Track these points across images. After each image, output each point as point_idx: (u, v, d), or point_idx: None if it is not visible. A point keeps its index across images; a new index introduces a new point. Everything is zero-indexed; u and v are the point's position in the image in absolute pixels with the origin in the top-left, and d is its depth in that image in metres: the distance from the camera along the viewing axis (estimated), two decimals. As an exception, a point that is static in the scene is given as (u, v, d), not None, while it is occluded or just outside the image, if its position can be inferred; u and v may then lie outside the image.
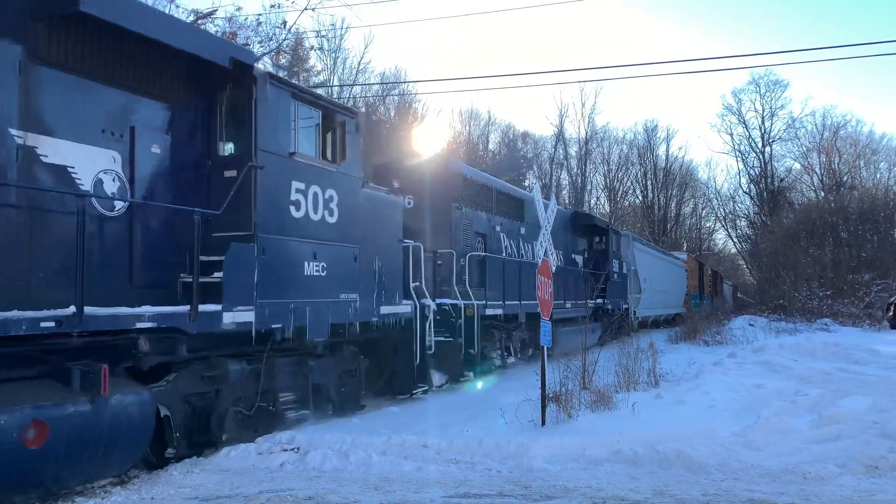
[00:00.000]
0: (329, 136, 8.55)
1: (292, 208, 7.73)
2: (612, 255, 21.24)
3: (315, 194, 8.08)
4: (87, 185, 6.15)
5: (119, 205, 6.42)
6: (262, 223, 7.22)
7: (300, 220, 7.81)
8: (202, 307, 6.40)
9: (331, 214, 8.28)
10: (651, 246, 32.67)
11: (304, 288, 7.78)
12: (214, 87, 7.45)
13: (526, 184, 47.90)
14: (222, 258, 6.67)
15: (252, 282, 7.02)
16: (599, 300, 19.43)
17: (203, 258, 6.46)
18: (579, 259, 19.73)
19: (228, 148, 7.55)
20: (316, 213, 8.09)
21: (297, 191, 7.82)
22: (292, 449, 7.05)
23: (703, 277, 43.67)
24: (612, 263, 21.32)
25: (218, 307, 6.63)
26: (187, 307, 6.30)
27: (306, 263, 7.84)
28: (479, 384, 12.03)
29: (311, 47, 28.35)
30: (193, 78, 7.30)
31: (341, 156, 8.57)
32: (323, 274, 8.09)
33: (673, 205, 63.67)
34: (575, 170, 58.46)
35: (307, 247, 7.88)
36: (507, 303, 13.44)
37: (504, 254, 14.25)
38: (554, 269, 9.82)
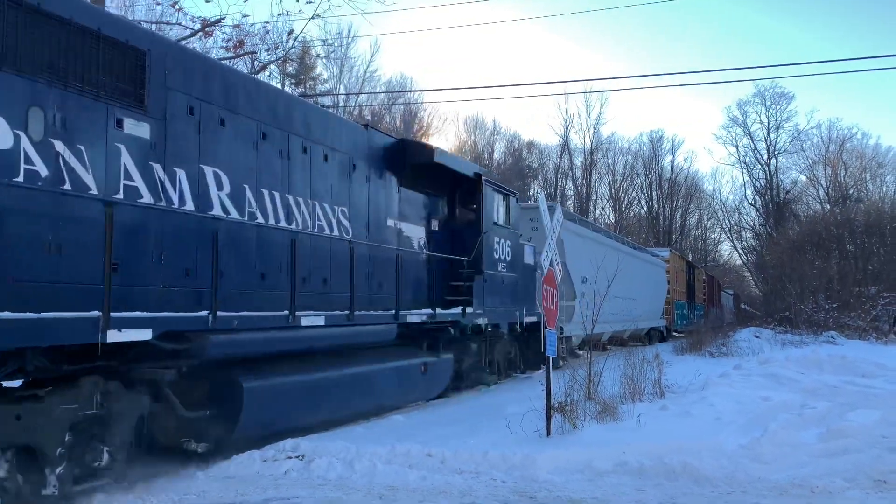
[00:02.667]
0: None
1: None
2: (493, 230, 12.50)
3: None
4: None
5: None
6: None
7: None
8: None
9: None
10: (601, 231, 23.38)
11: None
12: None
13: (531, 193, 47.86)
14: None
15: None
16: (456, 309, 11.15)
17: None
18: (416, 232, 11.27)
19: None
20: None
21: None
22: (297, 456, 7.03)
23: (693, 282, 36.34)
24: (495, 244, 12.62)
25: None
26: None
27: None
28: None
29: (318, 55, 28.46)
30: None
31: None
32: None
33: (678, 216, 63.67)
34: (580, 180, 58.53)
35: None
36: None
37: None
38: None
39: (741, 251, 62.76)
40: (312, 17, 16.35)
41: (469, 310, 11.36)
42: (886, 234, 34.09)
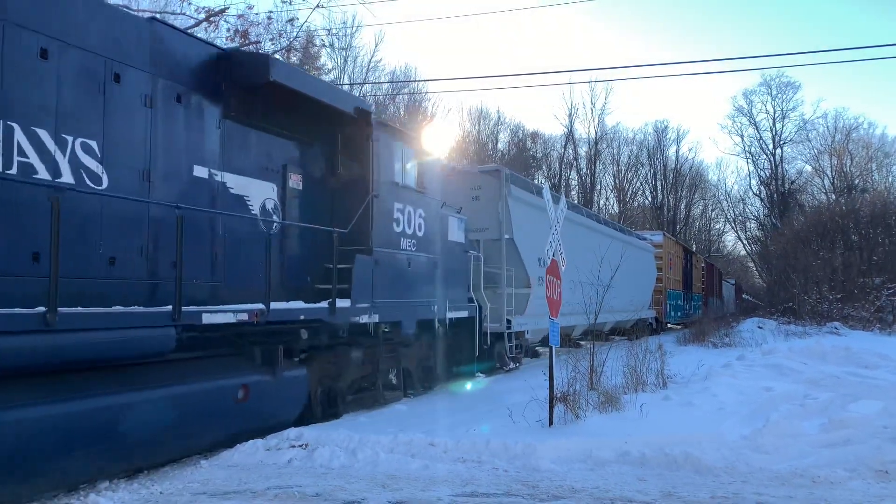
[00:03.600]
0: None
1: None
2: (393, 193, 9.35)
3: None
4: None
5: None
6: None
7: None
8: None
9: None
10: (575, 208, 19.75)
11: None
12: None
13: (535, 183, 47.62)
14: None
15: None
16: (321, 303, 7.92)
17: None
18: (256, 189, 7.83)
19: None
20: None
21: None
22: (300, 445, 7.07)
23: (690, 270, 33.07)
24: (395, 212, 9.42)
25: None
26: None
27: None
28: None
29: (322, 45, 28.37)
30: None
31: None
32: None
33: (682, 206, 63.56)
34: (584, 170, 58.39)
35: None
36: None
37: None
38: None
39: (745, 242, 62.76)
40: (316, 7, 16.32)
41: (345, 303, 8.11)
42: (892, 225, 33.92)
